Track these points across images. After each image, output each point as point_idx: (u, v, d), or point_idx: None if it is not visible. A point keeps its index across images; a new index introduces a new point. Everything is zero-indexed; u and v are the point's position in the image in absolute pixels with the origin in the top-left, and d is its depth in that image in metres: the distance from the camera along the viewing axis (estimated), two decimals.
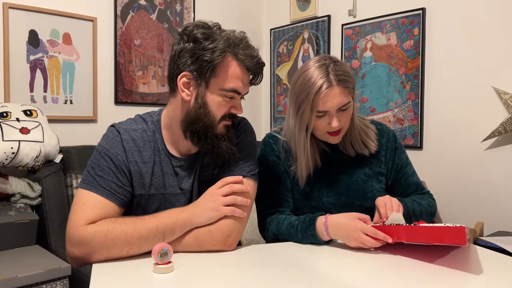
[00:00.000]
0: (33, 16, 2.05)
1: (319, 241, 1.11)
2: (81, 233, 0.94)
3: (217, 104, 1.03)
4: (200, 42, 1.00)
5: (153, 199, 1.08)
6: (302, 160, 1.23)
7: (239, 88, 1.03)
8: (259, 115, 3.13)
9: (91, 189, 1.00)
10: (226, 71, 1.01)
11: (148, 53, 2.49)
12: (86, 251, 0.94)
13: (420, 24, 2.17)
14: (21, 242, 1.71)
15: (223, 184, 1.04)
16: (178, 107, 1.07)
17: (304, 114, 1.17)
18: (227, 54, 1.01)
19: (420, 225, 0.99)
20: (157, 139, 1.09)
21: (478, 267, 0.96)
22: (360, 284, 0.85)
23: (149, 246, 0.95)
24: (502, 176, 1.90)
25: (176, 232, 0.99)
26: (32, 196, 1.82)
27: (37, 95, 2.09)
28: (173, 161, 1.10)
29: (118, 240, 0.94)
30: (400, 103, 2.26)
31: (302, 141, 1.21)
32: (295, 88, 1.20)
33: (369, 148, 1.28)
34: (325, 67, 1.16)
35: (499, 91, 1.88)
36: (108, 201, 1.00)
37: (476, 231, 1.55)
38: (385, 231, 1.05)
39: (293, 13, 2.86)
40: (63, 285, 1.52)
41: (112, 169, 1.02)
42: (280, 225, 1.19)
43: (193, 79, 1.02)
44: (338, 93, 1.15)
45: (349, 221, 1.07)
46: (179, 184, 1.10)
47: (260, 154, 1.34)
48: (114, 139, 1.06)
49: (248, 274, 0.92)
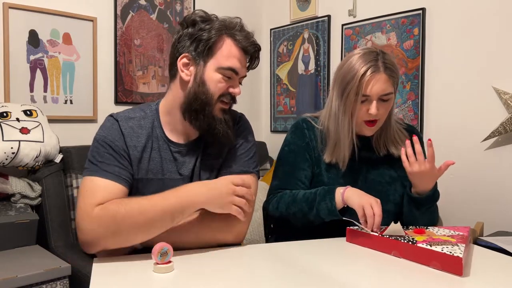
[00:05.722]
0: (33, 16, 2.05)
1: (334, 209, 1.15)
2: (88, 217, 0.95)
3: (215, 82, 1.05)
4: (198, 24, 1.06)
5: (151, 183, 1.09)
6: (346, 142, 1.23)
7: (237, 67, 1.07)
8: (259, 115, 3.13)
9: (94, 174, 1.01)
10: (223, 50, 1.06)
11: (148, 53, 2.49)
12: (95, 236, 0.95)
13: (420, 24, 2.17)
14: (21, 242, 1.71)
15: (242, 183, 1.04)
16: (178, 90, 1.10)
17: (349, 96, 1.18)
18: (224, 35, 1.06)
19: (418, 245, 0.98)
20: (156, 126, 1.11)
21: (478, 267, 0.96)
22: (360, 284, 0.85)
23: (158, 229, 0.97)
24: (502, 176, 1.90)
25: (185, 214, 1.00)
26: (32, 196, 1.82)
27: (37, 95, 2.09)
28: (172, 146, 1.12)
29: (124, 223, 0.94)
30: (400, 103, 2.26)
31: (346, 124, 1.22)
32: (341, 71, 1.22)
33: (400, 150, 1.29)
34: (375, 54, 1.19)
35: (499, 91, 1.88)
36: (113, 183, 1.01)
37: (476, 231, 1.55)
38: (382, 243, 1.05)
39: (293, 13, 2.86)
40: (63, 285, 1.52)
41: (112, 154, 1.04)
42: (296, 195, 1.22)
43: (192, 60, 1.06)
44: (383, 79, 1.16)
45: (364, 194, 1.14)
46: (178, 170, 1.12)
47: (289, 135, 1.35)
48: (111, 127, 1.08)
49: (248, 273, 0.92)
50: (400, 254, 1.01)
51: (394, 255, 1.02)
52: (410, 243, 1.00)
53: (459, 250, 0.93)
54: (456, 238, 1.04)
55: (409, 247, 0.99)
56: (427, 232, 1.10)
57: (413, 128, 1.39)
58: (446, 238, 1.04)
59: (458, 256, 0.90)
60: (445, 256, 0.92)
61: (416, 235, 1.07)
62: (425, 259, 0.96)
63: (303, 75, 2.82)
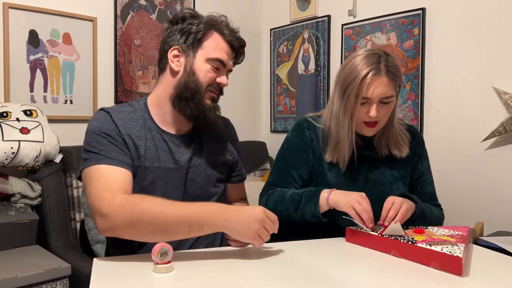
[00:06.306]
0: (33, 16, 2.05)
1: (317, 213, 1.17)
2: (109, 204, 0.94)
3: (204, 72, 1.11)
4: (188, 19, 1.14)
5: (148, 171, 1.10)
6: (346, 142, 1.23)
7: (224, 59, 1.13)
8: (259, 115, 3.13)
9: (100, 162, 1.01)
10: (211, 42, 1.13)
11: (148, 53, 2.49)
12: (112, 224, 0.94)
13: (420, 24, 2.17)
14: (21, 242, 1.71)
15: (274, 220, 1.00)
16: (168, 82, 1.14)
17: (349, 98, 1.18)
18: (212, 29, 1.13)
19: (418, 244, 0.98)
20: (147, 119, 1.14)
21: (478, 267, 0.96)
22: (360, 284, 0.85)
23: (172, 235, 0.96)
24: (502, 176, 1.90)
25: (204, 229, 0.97)
26: (32, 196, 1.82)
27: (37, 95, 2.09)
28: (165, 136, 1.14)
29: (143, 217, 0.94)
30: (400, 103, 2.26)
31: (346, 125, 1.22)
32: (343, 73, 1.22)
33: (402, 152, 1.29)
34: (378, 56, 1.18)
35: (499, 91, 1.88)
36: (121, 169, 1.02)
37: (476, 231, 1.55)
38: (381, 243, 1.06)
39: (293, 13, 2.86)
40: (63, 285, 1.52)
41: (112, 142, 1.05)
42: (285, 194, 1.24)
43: (182, 52, 1.12)
44: (384, 82, 1.16)
45: (348, 194, 1.16)
46: (174, 159, 1.13)
47: (290, 134, 1.36)
48: (104, 118, 1.10)
49: (248, 273, 0.92)
50: (399, 254, 1.01)
51: (394, 255, 1.02)
52: (410, 243, 1.00)
53: (459, 250, 0.93)
54: (456, 238, 1.04)
55: (409, 247, 0.99)
56: (426, 232, 1.10)
57: (414, 128, 1.39)
58: (446, 238, 1.04)
59: (458, 256, 0.90)
60: (445, 256, 0.92)
61: (415, 235, 1.07)
62: (424, 259, 0.96)
63: (303, 75, 2.82)
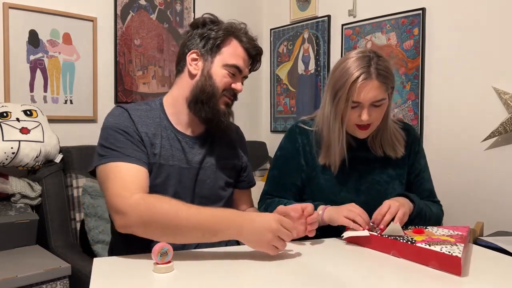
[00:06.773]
0: (33, 16, 2.05)
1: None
2: (126, 202, 0.96)
3: (221, 77, 1.14)
4: (208, 25, 1.17)
5: (163, 168, 1.12)
6: (336, 147, 1.22)
7: (241, 65, 1.15)
8: (259, 115, 3.13)
9: (117, 160, 1.03)
10: (230, 49, 1.15)
11: (148, 53, 2.49)
12: (127, 222, 0.96)
13: (420, 24, 2.17)
14: (21, 242, 1.71)
15: (290, 227, 0.98)
16: (184, 84, 1.17)
17: (339, 102, 1.17)
18: (231, 36, 1.16)
19: (417, 244, 0.98)
20: (162, 118, 1.17)
21: (477, 267, 0.96)
22: (359, 284, 0.85)
23: (185, 239, 0.99)
24: (502, 176, 1.90)
25: (218, 236, 0.97)
26: (32, 196, 1.82)
27: (37, 95, 2.09)
28: (179, 136, 1.16)
29: (157, 218, 0.95)
30: (400, 103, 2.26)
31: (336, 129, 1.21)
32: (334, 76, 1.20)
33: (397, 153, 1.29)
34: (368, 59, 1.16)
35: (499, 91, 1.88)
36: (138, 167, 1.04)
37: (476, 231, 1.55)
38: (381, 243, 1.06)
39: (293, 13, 2.86)
40: (63, 285, 1.52)
41: (129, 139, 1.07)
42: (275, 205, 1.17)
43: (200, 56, 1.15)
44: (375, 86, 1.14)
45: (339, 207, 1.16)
46: (186, 159, 1.16)
47: (282, 141, 1.37)
48: (122, 114, 1.11)
49: (248, 273, 0.92)
50: (399, 254, 1.01)
51: (393, 255, 1.02)
52: (409, 242, 1.00)
53: (458, 250, 0.93)
54: (455, 238, 1.04)
55: (408, 247, 0.99)
56: (426, 232, 1.10)
57: (409, 126, 1.37)
58: (445, 238, 1.04)
59: (457, 256, 0.90)
60: (444, 256, 0.92)
61: (415, 235, 1.07)
62: (424, 259, 0.96)
63: (303, 75, 2.82)
